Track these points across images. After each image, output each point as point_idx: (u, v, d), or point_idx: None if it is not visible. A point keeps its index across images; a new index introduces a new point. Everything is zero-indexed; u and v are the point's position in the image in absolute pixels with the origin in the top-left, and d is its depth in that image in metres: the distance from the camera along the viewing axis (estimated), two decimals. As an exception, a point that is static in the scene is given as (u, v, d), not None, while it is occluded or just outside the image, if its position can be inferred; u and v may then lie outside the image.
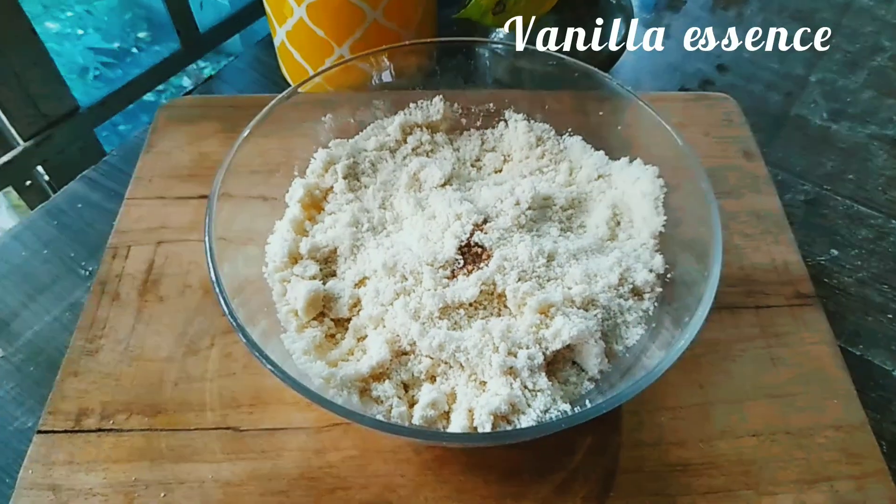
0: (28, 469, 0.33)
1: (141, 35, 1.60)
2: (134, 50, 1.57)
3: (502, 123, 0.43)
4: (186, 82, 1.43)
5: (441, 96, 0.42)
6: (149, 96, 0.59)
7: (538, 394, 0.30)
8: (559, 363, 0.32)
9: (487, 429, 0.29)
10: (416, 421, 0.30)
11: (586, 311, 0.32)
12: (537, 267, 0.32)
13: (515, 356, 0.30)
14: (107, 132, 0.56)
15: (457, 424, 0.30)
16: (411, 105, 0.42)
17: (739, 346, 0.38)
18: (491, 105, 0.43)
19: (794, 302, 0.40)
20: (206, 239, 0.32)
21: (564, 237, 0.36)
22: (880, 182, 0.50)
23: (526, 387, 0.30)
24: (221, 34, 0.62)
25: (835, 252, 0.45)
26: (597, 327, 0.31)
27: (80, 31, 1.61)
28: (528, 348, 0.30)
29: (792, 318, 0.39)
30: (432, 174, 0.38)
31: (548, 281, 0.32)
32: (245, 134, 0.36)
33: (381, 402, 0.31)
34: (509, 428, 0.30)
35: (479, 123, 0.44)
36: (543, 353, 0.30)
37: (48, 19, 1.61)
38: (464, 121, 0.43)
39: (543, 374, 0.30)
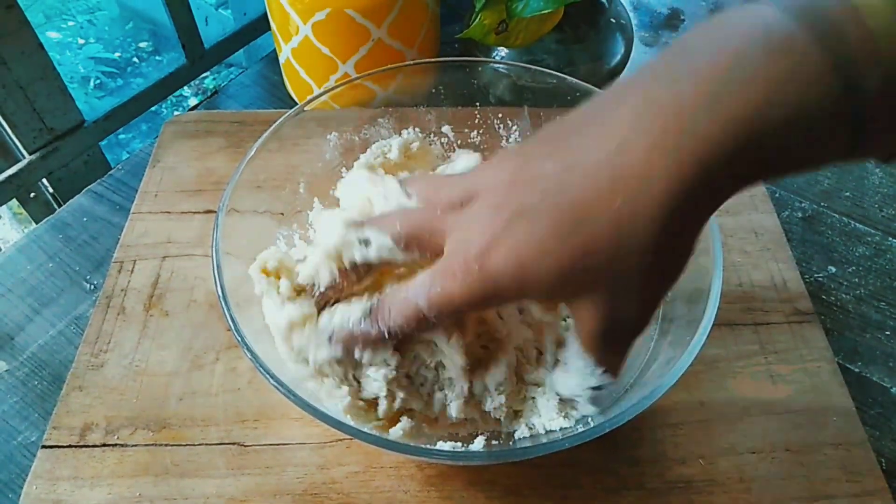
0: (32, 484, 0.33)
1: (142, 45, 1.61)
2: (135, 60, 1.58)
3: (503, 141, 0.44)
4: (186, 91, 1.44)
5: (450, 126, 0.43)
6: (150, 106, 0.59)
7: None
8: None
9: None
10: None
11: None
12: None
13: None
14: (106, 140, 0.56)
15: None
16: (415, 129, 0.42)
17: (739, 362, 0.38)
18: (495, 122, 0.44)
19: (793, 319, 0.40)
20: (214, 254, 0.32)
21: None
22: (876, 199, 0.50)
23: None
24: (226, 49, 0.63)
25: (832, 269, 0.46)
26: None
27: (82, 41, 1.62)
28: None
29: (791, 335, 0.40)
30: None
31: None
32: (253, 150, 0.36)
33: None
34: (509, 446, 0.30)
35: (478, 142, 0.44)
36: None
37: (50, 29, 1.62)
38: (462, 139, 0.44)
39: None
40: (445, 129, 0.43)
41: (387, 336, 0.27)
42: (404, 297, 0.26)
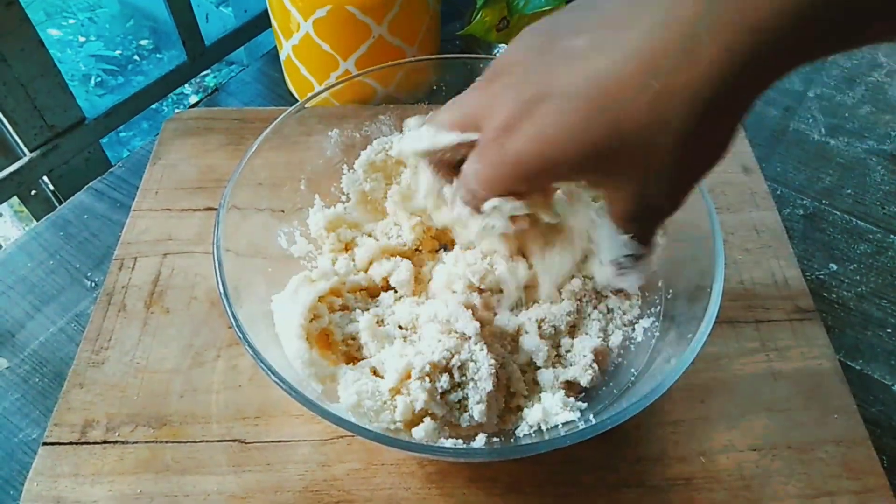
0: (33, 481, 0.33)
1: (143, 43, 1.61)
2: (136, 58, 1.58)
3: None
4: (188, 89, 1.44)
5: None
6: (150, 104, 0.59)
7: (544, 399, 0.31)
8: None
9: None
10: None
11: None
12: None
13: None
14: (107, 138, 0.56)
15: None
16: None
17: (740, 360, 0.38)
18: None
19: (794, 316, 0.40)
20: (215, 250, 0.32)
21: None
22: (878, 197, 0.50)
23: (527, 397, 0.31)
24: (227, 46, 0.62)
25: (834, 266, 0.46)
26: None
27: (83, 39, 1.62)
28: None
29: (792, 333, 0.39)
30: None
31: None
32: (255, 147, 0.36)
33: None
34: (510, 443, 0.30)
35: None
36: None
37: (51, 26, 1.62)
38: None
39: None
40: (446, 126, 0.43)
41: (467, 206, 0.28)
42: (462, 174, 0.27)
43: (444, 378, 0.31)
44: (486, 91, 0.26)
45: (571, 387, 0.33)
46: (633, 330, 0.35)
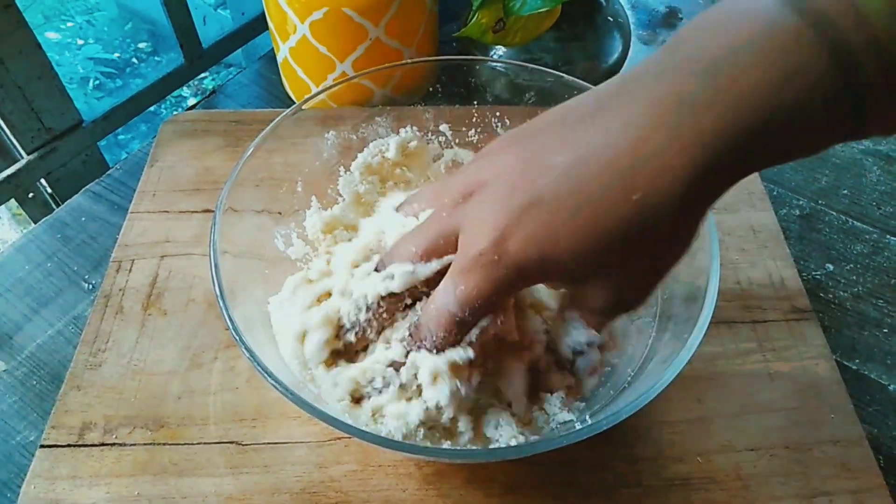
0: (31, 484, 0.33)
1: (141, 45, 1.61)
2: (134, 60, 1.58)
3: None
4: (186, 91, 1.44)
5: (448, 125, 0.43)
6: (148, 106, 0.59)
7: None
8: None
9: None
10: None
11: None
12: None
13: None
14: (106, 141, 0.57)
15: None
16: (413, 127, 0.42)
17: (737, 360, 0.38)
18: (493, 121, 0.44)
19: (791, 317, 0.40)
20: (212, 252, 0.32)
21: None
22: (874, 197, 0.51)
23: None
24: (224, 49, 0.63)
25: (830, 267, 0.46)
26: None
27: (81, 42, 1.62)
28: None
29: (789, 333, 0.40)
30: None
31: None
32: (251, 149, 0.36)
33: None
34: (507, 444, 0.30)
35: (476, 140, 0.44)
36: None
37: (49, 30, 1.62)
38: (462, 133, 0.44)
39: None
40: (443, 127, 0.43)
41: (435, 352, 0.28)
42: (435, 308, 0.27)
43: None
44: (460, 208, 0.26)
45: (571, 391, 0.33)
46: (630, 330, 0.35)
